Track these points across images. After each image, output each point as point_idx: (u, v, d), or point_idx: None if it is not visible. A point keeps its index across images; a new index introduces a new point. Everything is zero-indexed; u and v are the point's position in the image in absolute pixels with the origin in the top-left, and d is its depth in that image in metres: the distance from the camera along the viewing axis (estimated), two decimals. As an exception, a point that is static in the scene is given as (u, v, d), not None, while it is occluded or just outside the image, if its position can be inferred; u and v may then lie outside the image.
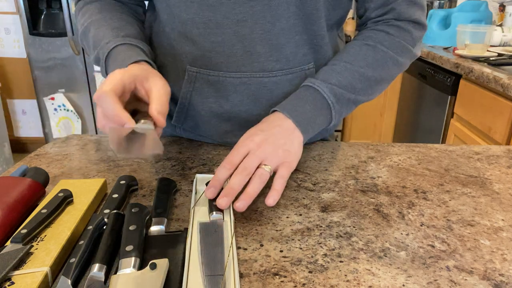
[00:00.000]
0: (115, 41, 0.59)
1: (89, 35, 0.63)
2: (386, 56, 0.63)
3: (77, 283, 0.37)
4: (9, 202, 0.46)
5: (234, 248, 0.41)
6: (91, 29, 0.63)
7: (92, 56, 0.63)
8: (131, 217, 0.44)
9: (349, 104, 0.63)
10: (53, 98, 2.58)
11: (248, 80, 0.64)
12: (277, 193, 0.51)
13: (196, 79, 0.66)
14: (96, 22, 0.63)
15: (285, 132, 0.56)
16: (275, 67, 0.64)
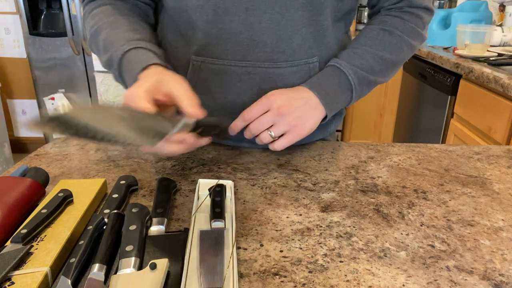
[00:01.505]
0: (129, 44, 0.59)
1: (100, 37, 0.63)
2: (401, 40, 0.67)
3: (77, 283, 0.37)
4: (9, 202, 0.46)
5: (235, 259, 0.41)
6: (102, 32, 0.62)
7: (104, 59, 0.62)
8: (131, 217, 0.44)
9: (369, 85, 0.67)
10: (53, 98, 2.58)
11: (253, 70, 0.65)
12: (274, 149, 0.60)
13: (200, 69, 0.66)
14: (107, 24, 0.63)
15: (308, 107, 0.61)
16: (281, 58, 0.64)
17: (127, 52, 0.58)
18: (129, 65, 0.57)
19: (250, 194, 0.56)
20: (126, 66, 0.58)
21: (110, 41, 0.61)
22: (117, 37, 0.61)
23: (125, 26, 0.63)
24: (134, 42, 0.59)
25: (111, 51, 0.60)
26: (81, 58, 2.50)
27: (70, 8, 2.36)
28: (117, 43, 0.60)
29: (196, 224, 0.47)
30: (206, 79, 0.67)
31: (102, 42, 0.62)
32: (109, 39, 0.61)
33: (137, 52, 0.58)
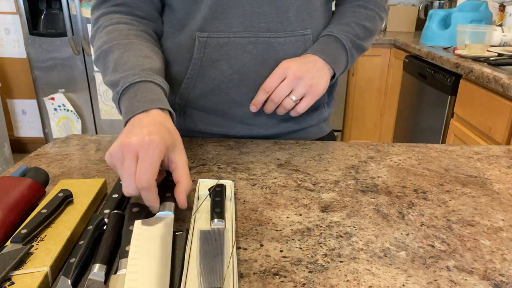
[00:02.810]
0: (140, 74, 0.57)
1: (111, 56, 0.61)
2: (375, 13, 0.78)
3: (77, 283, 0.37)
4: (9, 202, 0.46)
5: (235, 259, 0.41)
6: (115, 52, 0.61)
7: (110, 78, 0.60)
8: (131, 217, 0.44)
9: (358, 49, 0.76)
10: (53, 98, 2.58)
11: (256, 40, 0.69)
12: (297, 113, 0.69)
13: (206, 44, 0.69)
14: (121, 46, 0.62)
15: (317, 68, 0.68)
16: (280, 28, 0.69)
17: (135, 83, 0.56)
18: (134, 98, 0.54)
19: (250, 194, 0.56)
20: (129, 96, 0.55)
21: (121, 63, 0.59)
22: (128, 60, 0.59)
23: (138, 51, 0.62)
24: (145, 73, 0.57)
25: (120, 75, 0.57)
26: (81, 58, 2.50)
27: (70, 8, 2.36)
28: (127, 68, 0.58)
29: (196, 224, 0.47)
30: (212, 53, 0.70)
31: (113, 62, 0.61)
32: (120, 60, 0.60)
33: (145, 87, 0.56)
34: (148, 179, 0.44)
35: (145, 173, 0.44)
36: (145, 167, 0.44)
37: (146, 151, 0.45)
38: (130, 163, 0.44)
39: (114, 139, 0.76)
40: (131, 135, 0.46)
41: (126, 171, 0.44)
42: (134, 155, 0.45)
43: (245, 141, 0.76)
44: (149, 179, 0.44)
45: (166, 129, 0.49)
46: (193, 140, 0.76)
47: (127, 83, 0.56)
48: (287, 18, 0.69)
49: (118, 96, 0.57)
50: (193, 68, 0.71)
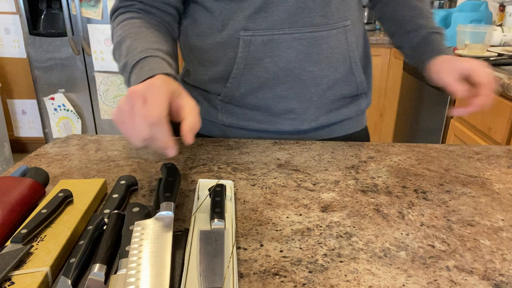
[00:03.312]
0: (146, 52, 0.59)
1: (123, 45, 0.64)
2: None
3: (77, 283, 0.37)
4: (9, 202, 0.46)
5: (235, 259, 0.41)
6: (127, 40, 0.63)
7: (121, 63, 0.62)
8: (131, 217, 0.44)
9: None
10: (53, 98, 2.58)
11: (301, 35, 0.69)
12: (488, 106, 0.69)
13: (251, 43, 0.69)
14: (132, 35, 0.65)
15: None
16: (322, 22, 0.69)
17: (142, 59, 0.58)
18: (140, 70, 0.56)
19: (250, 194, 0.56)
20: (137, 71, 0.57)
21: (131, 49, 0.61)
22: (137, 46, 0.61)
23: (148, 37, 0.64)
24: (151, 50, 0.59)
25: (128, 57, 0.60)
26: (81, 58, 2.50)
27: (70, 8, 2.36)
28: (136, 51, 0.60)
29: (196, 224, 0.47)
30: (256, 52, 0.70)
31: (125, 50, 0.63)
32: (131, 47, 0.62)
33: (151, 60, 0.58)
34: (159, 112, 0.45)
35: (156, 107, 0.45)
36: (155, 102, 0.45)
37: (153, 90, 0.47)
38: (140, 106, 0.45)
39: (114, 139, 0.76)
40: (136, 86, 0.48)
41: (137, 114, 0.45)
42: (142, 99, 0.46)
43: (245, 141, 0.76)
44: (160, 112, 0.45)
45: (170, 80, 0.51)
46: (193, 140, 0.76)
47: (135, 60, 0.58)
48: (330, 11, 0.69)
49: (128, 75, 0.58)
50: (238, 67, 0.71)
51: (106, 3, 2.35)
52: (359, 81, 0.77)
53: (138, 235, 0.41)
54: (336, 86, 0.75)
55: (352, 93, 0.79)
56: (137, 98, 0.46)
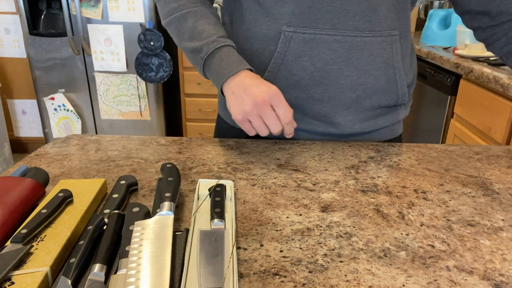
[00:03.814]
0: (219, 41, 0.67)
1: (185, 24, 0.70)
2: None
3: (77, 283, 0.37)
4: (9, 202, 0.46)
5: (235, 259, 0.41)
6: (189, 20, 0.69)
7: (188, 46, 0.69)
8: (131, 217, 0.44)
9: None
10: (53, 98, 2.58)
11: (342, 38, 0.68)
12: None
13: (291, 39, 0.69)
14: (193, 13, 0.70)
15: None
16: (368, 28, 0.68)
17: (217, 49, 0.66)
18: (221, 63, 0.66)
19: (250, 194, 0.56)
20: (217, 62, 0.66)
21: (199, 31, 0.68)
22: (203, 29, 0.68)
23: (210, 19, 0.70)
24: (222, 40, 0.67)
25: (200, 43, 0.67)
26: (81, 58, 2.50)
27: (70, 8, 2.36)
28: (205, 36, 0.67)
29: (196, 224, 0.47)
30: (296, 49, 0.70)
31: (189, 30, 0.69)
32: (197, 28, 0.69)
33: (226, 51, 0.67)
34: (291, 115, 0.62)
35: (287, 112, 0.62)
36: (285, 108, 0.62)
37: (277, 99, 0.61)
38: (270, 112, 0.61)
39: (114, 139, 0.76)
40: (258, 93, 0.61)
41: (270, 117, 0.61)
42: (269, 106, 0.61)
43: (245, 141, 0.76)
44: (291, 115, 0.62)
45: (258, 76, 0.65)
46: (193, 140, 0.76)
47: (210, 49, 0.66)
48: (376, 17, 0.68)
49: (203, 62, 0.68)
50: (275, 61, 0.71)
51: (106, 3, 2.35)
52: (400, 93, 0.75)
53: (138, 235, 0.41)
54: (374, 96, 0.73)
55: (391, 103, 0.76)
56: (266, 106, 0.61)
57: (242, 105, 0.62)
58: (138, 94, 2.55)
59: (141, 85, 2.52)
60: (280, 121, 0.61)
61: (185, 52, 0.72)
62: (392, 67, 0.71)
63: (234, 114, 0.64)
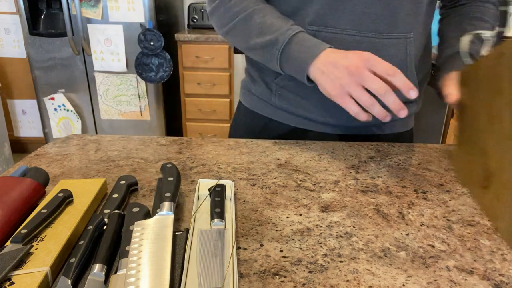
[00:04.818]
0: (292, 29, 0.66)
1: (252, 22, 0.70)
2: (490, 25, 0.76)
3: (77, 283, 0.37)
4: (9, 202, 0.46)
5: (235, 259, 0.41)
6: (255, 17, 0.70)
7: (259, 41, 0.69)
8: (131, 217, 0.44)
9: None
10: (53, 98, 2.58)
11: (361, 39, 0.70)
12: None
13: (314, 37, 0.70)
14: (258, 11, 0.70)
15: None
16: (386, 30, 0.70)
17: (295, 35, 0.66)
18: (302, 47, 0.65)
19: (250, 194, 0.56)
20: (297, 48, 0.65)
21: (267, 26, 0.68)
22: (272, 22, 0.68)
23: (275, 13, 0.70)
24: (295, 27, 0.67)
25: (273, 35, 0.67)
26: (81, 58, 2.50)
27: (70, 8, 2.36)
28: (276, 28, 0.67)
29: (196, 224, 0.47)
30: None
31: (257, 26, 0.69)
32: (266, 23, 0.68)
33: (303, 36, 0.66)
34: (394, 67, 0.58)
35: (389, 65, 0.58)
36: (385, 63, 0.58)
37: (372, 60, 0.58)
38: (369, 74, 0.57)
39: (114, 139, 0.76)
40: (350, 62, 0.59)
41: (371, 80, 0.57)
42: (366, 70, 0.58)
43: (245, 141, 0.76)
44: (395, 68, 0.58)
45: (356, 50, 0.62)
46: (193, 140, 0.76)
47: (286, 38, 0.65)
48: (395, 20, 0.69)
49: (280, 53, 0.66)
50: None
51: (106, 3, 2.35)
52: None
53: (138, 235, 0.41)
54: None
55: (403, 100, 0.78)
56: (363, 70, 0.57)
57: (337, 79, 0.60)
58: (138, 94, 2.55)
59: (141, 85, 2.52)
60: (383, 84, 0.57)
61: (253, 52, 0.72)
62: (405, 67, 0.73)
63: (331, 90, 0.61)
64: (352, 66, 0.58)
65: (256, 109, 0.85)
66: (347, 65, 0.59)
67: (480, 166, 0.53)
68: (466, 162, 0.59)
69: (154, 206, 0.49)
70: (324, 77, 0.62)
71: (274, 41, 0.67)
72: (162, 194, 0.48)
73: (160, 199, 0.47)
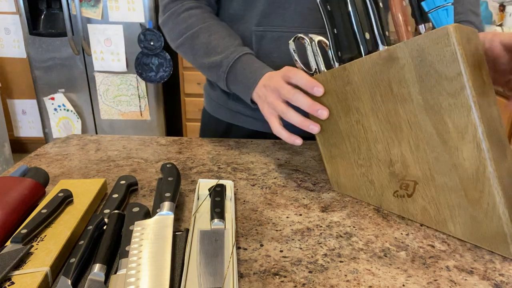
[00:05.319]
0: (238, 51, 0.67)
1: (198, 41, 0.70)
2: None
3: (77, 283, 0.37)
4: (9, 202, 0.46)
5: (235, 259, 0.41)
6: (201, 36, 0.70)
7: (205, 61, 0.70)
8: (131, 217, 0.44)
9: None
10: (53, 98, 2.58)
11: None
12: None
13: (262, 38, 0.73)
14: (204, 30, 0.70)
15: None
16: None
17: (238, 59, 0.66)
18: (243, 73, 0.66)
19: (250, 194, 0.56)
20: (239, 72, 0.66)
21: (213, 46, 0.69)
22: (218, 43, 0.69)
23: (221, 32, 0.71)
24: (239, 48, 0.68)
25: (219, 56, 0.67)
26: (81, 58, 2.49)
27: (70, 8, 2.36)
28: (221, 50, 0.68)
29: (196, 224, 0.47)
30: (267, 46, 0.73)
31: (202, 46, 0.70)
32: (211, 44, 0.69)
33: (248, 59, 0.67)
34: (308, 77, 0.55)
35: (304, 75, 0.56)
36: (300, 73, 0.56)
37: (289, 72, 0.57)
38: (286, 86, 0.57)
39: (114, 139, 0.76)
40: (272, 81, 0.59)
41: (287, 91, 0.56)
42: (284, 82, 0.57)
43: (245, 141, 0.76)
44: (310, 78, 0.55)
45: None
46: (193, 140, 0.76)
47: (231, 61, 0.66)
48: None
49: (225, 75, 0.67)
50: None
51: (106, 3, 2.35)
52: None
53: (138, 235, 0.41)
54: None
55: None
56: (281, 84, 0.57)
57: (266, 99, 0.60)
58: (138, 94, 2.55)
59: (141, 85, 2.52)
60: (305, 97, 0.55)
61: (202, 70, 0.73)
62: None
63: (263, 110, 0.62)
64: (274, 83, 0.59)
65: (216, 114, 0.85)
66: (270, 84, 0.60)
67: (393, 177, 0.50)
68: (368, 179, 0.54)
69: (154, 206, 0.49)
70: (260, 100, 0.63)
71: (219, 63, 0.68)
72: (162, 194, 0.48)
73: (160, 199, 0.47)
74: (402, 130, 0.47)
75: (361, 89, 0.50)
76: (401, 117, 0.47)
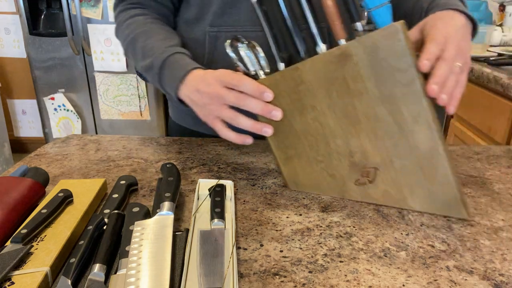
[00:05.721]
0: (167, 51, 0.65)
1: (137, 45, 0.69)
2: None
3: (77, 283, 0.37)
4: (9, 202, 0.46)
5: (235, 259, 0.41)
6: (139, 40, 0.69)
7: (143, 64, 0.68)
8: (131, 217, 0.44)
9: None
10: (53, 98, 2.58)
11: (262, 34, 0.69)
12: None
13: (216, 38, 0.73)
14: (142, 34, 0.70)
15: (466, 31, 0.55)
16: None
17: (167, 58, 0.64)
18: (171, 70, 0.63)
19: (250, 194, 0.56)
20: (167, 71, 0.64)
21: (149, 49, 0.67)
22: (154, 45, 0.67)
23: (159, 35, 0.70)
24: (171, 48, 0.66)
25: (152, 58, 0.66)
26: (81, 58, 2.49)
27: (70, 8, 2.36)
28: (156, 50, 0.66)
29: (196, 224, 0.47)
30: (222, 47, 0.72)
31: (140, 50, 0.69)
32: (147, 47, 0.68)
33: (176, 57, 0.64)
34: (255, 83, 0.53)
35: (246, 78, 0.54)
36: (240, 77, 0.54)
37: (227, 77, 0.54)
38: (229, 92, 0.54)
39: (114, 139, 0.76)
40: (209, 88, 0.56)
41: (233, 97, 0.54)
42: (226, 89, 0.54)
43: (245, 141, 0.76)
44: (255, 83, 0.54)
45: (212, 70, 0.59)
46: (193, 140, 0.76)
47: (160, 62, 0.64)
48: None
49: (158, 77, 0.65)
50: (206, 62, 0.74)
51: (106, 3, 2.35)
52: None
53: (138, 235, 0.41)
54: None
55: None
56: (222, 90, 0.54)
57: (205, 106, 0.57)
58: (138, 94, 2.54)
59: (141, 85, 2.52)
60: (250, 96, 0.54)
61: (143, 73, 0.71)
62: None
63: (204, 117, 0.59)
64: (211, 90, 0.56)
65: (179, 121, 0.86)
66: (208, 91, 0.57)
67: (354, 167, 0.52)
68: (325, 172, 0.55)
69: (154, 206, 0.49)
70: (195, 105, 0.60)
71: (151, 65, 0.66)
72: (162, 194, 0.48)
73: (160, 199, 0.47)
74: (360, 122, 0.50)
75: (315, 87, 0.51)
76: (359, 110, 0.49)
